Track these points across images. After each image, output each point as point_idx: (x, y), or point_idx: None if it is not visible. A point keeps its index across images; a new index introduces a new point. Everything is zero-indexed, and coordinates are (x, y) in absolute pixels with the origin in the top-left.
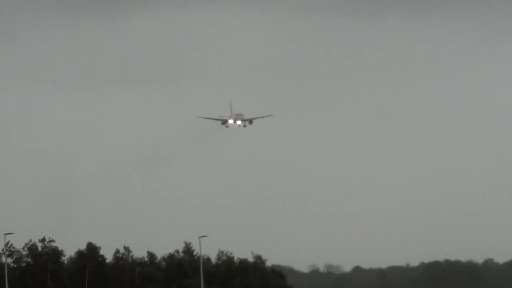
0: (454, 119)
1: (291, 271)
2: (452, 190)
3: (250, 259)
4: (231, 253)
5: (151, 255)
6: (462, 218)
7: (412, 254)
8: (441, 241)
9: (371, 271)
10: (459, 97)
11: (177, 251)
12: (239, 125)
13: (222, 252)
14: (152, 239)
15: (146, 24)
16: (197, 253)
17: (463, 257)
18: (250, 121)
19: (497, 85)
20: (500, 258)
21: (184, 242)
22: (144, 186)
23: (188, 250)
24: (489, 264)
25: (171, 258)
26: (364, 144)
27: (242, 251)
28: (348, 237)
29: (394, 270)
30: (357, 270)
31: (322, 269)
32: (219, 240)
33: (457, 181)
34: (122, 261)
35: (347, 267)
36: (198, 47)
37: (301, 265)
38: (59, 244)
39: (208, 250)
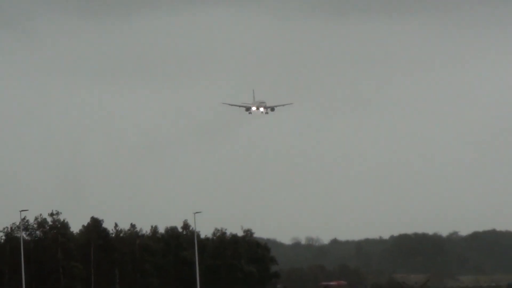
0: (424, 108)
1: (276, 243)
2: (420, 170)
3: (240, 232)
4: (225, 229)
5: (154, 229)
6: (430, 193)
7: (384, 227)
8: (411, 215)
9: (347, 243)
10: (438, 89)
11: (176, 228)
12: (261, 112)
13: (217, 229)
14: (156, 215)
15: (155, 25)
16: (191, 227)
17: (430, 230)
18: (272, 109)
19: (475, 79)
20: (464, 231)
21: (184, 220)
22: (154, 169)
23: (186, 225)
24: (453, 237)
25: (171, 230)
26: (347, 131)
27: (233, 225)
28: (326, 212)
29: (367, 243)
30: (335, 242)
31: (303, 241)
32: (213, 215)
33: (424, 161)
34: (123, 233)
35: (325, 240)
36: (211, 45)
37: (285, 237)
38: (68, 220)
39: (203, 225)
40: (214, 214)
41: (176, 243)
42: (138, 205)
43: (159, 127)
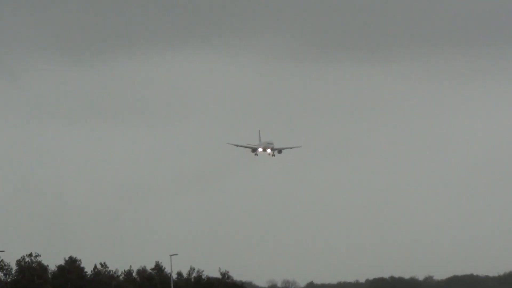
0: (404, 154)
1: (252, 286)
2: (397, 213)
3: (218, 274)
4: (202, 271)
5: (129, 272)
6: (405, 238)
7: (360, 271)
8: (387, 259)
9: (323, 286)
10: (419, 137)
11: (145, 269)
12: (268, 154)
13: (193, 268)
14: (128, 257)
15: (139, 67)
16: (166, 269)
17: (406, 274)
18: (280, 151)
19: (456, 127)
20: (440, 275)
21: (156, 261)
22: (134, 211)
23: (158, 267)
24: (429, 281)
25: (143, 272)
26: (325, 178)
27: (208, 268)
28: (303, 255)
29: (344, 286)
30: (311, 285)
31: (279, 284)
32: (189, 258)
33: (402, 205)
34: (100, 275)
35: (302, 283)
36: (195, 88)
37: (261, 280)
38: (45, 261)
39: (179, 268)
40: (190, 257)
41: (149, 285)
42: (115, 247)
43: (143, 170)
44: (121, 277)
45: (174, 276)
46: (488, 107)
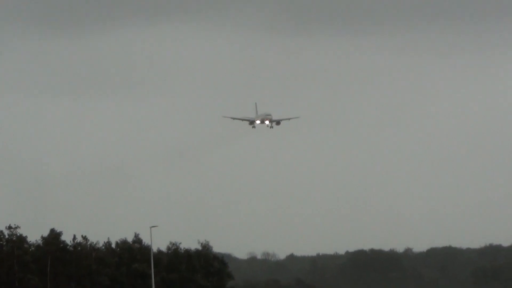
0: (379, 125)
1: (232, 258)
2: (376, 187)
3: (197, 246)
4: (180, 243)
5: (108, 242)
6: (386, 210)
7: (340, 243)
8: (367, 232)
9: (303, 258)
10: (398, 103)
11: (126, 240)
12: (267, 125)
13: (172, 243)
14: (109, 229)
15: (122, 41)
16: (145, 242)
17: (386, 246)
18: (278, 122)
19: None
20: (419, 248)
21: (135, 232)
22: (117, 184)
23: (138, 239)
24: (408, 253)
25: (123, 243)
26: (304, 148)
27: (189, 240)
28: (283, 228)
29: (323, 258)
30: (291, 257)
31: (259, 256)
32: (170, 230)
33: (381, 180)
34: (80, 247)
35: (282, 255)
36: (175, 60)
37: (241, 252)
38: (25, 232)
39: (159, 239)
40: (170, 229)
41: (129, 256)
42: (96, 219)
43: (127, 143)
44: (102, 249)
45: (154, 248)
46: (468, 80)
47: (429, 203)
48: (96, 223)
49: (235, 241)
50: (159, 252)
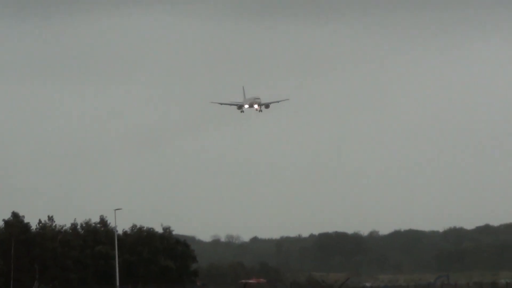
0: (349, 108)
1: (195, 241)
2: (341, 169)
3: (160, 229)
4: (144, 227)
5: (74, 225)
6: (350, 193)
7: (304, 226)
8: (331, 214)
9: (267, 241)
10: (368, 88)
11: (90, 222)
12: (256, 109)
13: (135, 225)
14: (74, 212)
15: (87, 26)
16: (110, 223)
17: (350, 229)
18: (267, 106)
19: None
20: (384, 231)
21: (100, 215)
22: (81, 167)
23: (102, 221)
24: (373, 236)
25: (88, 226)
26: (267, 132)
27: (153, 223)
28: (247, 210)
29: (287, 241)
30: (255, 240)
31: (223, 239)
32: (133, 213)
33: (345, 160)
34: (45, 229)
35: (246, 238)
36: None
37: (205, 235)
38: None
39: (123, 222)
40: (134, 212)
41: (93, 238)
42: (60, 201)
43: (93, 127)
44: (68, 231)
45: (120, 231)
46: (431, 65)
47: (393, 186)
48: (62, 206)
49: (199, 224)
50: (124, 233)
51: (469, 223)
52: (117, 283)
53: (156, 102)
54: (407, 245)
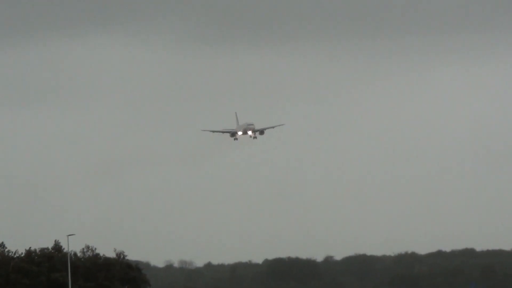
0: (304, 136)
1: (149, 266)
2: (294, 195)
3: (113, 254)
4: (95, 248)
5: (28, 251)
6: (305, 218)
7: (258, 251)
8: (285, 240)
9: (221, 266)
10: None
11: (47, 248)
12: (250, 136)
13: (88, 247)
14: (27, 238)
15: (45, 54)
16: (64, 249)
17: (304, 254)
18: (261, 132)
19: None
20: (338, 255)
21: (55, 240)
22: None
23: (57, 246)
24: (328, 261)
25: (42, 251)
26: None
27: (106, 248)
28: (201, 235)
29: (241, 266)
30: (208, 265)
31: (176, 264)
32: (87, 238)
33: (298, 185)
34: None
35: (199, 263)
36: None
37: (158, 261)
38: None
39: (77, 248)
40: (87, 237)
41: (48, 265)
42: (11, 228)
43: (48, 154)
44: (20, 256)
45: (73, 256)
46: (393, 89)
47: (347, 211)
48: (14, 233)
49: (152, 249)
50: (78, 259)
51: (421, 248)
52: None
53: (113, 130)
54: (361, 270)
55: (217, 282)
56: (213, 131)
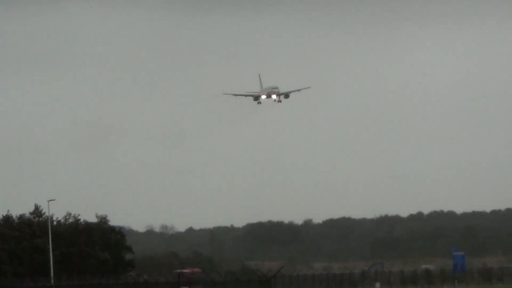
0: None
1: (130, 231)
2: (276, 161)
3: (95, 219)
4: (78, 215)
5: (7, 217)
6: (284, 184)
7: (239, 216)
8: (266, 204)
9: (201, 231)
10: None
11: (25, 215)
12: (274, 100)
13: (70, 214)
14: (7, 203)
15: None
16: (46, 214)
17: (285, 218)
18: (287, 95)
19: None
20: (318, 219)
21: (35, 204)
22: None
23: (37, 211)
24: (308, 224)
25: (22, 217)
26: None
27: (87, 213)
28: (181, 201)
29: (221, 230)
30: (189, 230)
31: (157, 229)
32: (68, 203)
33: (279, 153)
34: None
35: (180, 228)
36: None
37: (139, 225)
38: None
39: (57, 213)
40: (68, 202)
41: (29, 230)
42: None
43: (31, 120)
44: (0, 223)
45: (53, 221)
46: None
47: (327, 175)
48: None
49: (133, 214)
50: (59, 225)
51: (402, 211)
52: (52, 276)
53: (97, 97)
54: (341, 233)
55: (197, 246)
56: (235, 95)
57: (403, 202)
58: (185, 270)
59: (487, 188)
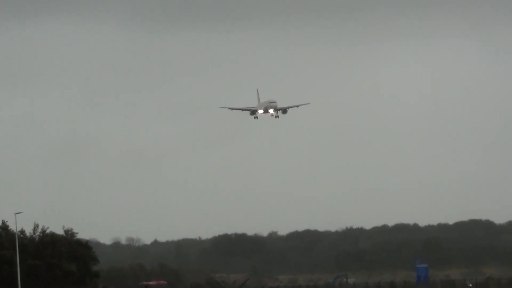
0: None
1: (96, 243)
2: (244, 173)
3: (62, 232)
4: (47, 228)
5: None
6: (250, 196)
7: (205, 229)
8: (232, 217)
9: (167, 243)
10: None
11: None
12: (271, 115)
13: (37, 225)
14: None
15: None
16: (12, 228)
17: (250, 231)
18: (284, 110)
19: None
20: (283, 231)
21: (1, 219)
22: None
23: (4, 226)
24: (273, 236)
25: None
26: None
27: (54, 226)
28: (147, 213)
29: (187, 243)
30: (155, 243)
31: (123, 241)
32: (35, 216)
33: (245, 165)
34: None
35: (146, 240)
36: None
37: (105, 238)
38: None
39: (25, 225)
40: (36, 215)
41: None
42: None
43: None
44: None
45: (20, 234)
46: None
47: (291, 187)
48: None
49: (100, 226)
50: (26, 238)
51: (366, 224)
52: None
53: (69, 110)
54: (306, 246)
55: (163, 259)
56: (232, 108)
57: (368, 215)
58: (151, 282)
59: (451, 201)
